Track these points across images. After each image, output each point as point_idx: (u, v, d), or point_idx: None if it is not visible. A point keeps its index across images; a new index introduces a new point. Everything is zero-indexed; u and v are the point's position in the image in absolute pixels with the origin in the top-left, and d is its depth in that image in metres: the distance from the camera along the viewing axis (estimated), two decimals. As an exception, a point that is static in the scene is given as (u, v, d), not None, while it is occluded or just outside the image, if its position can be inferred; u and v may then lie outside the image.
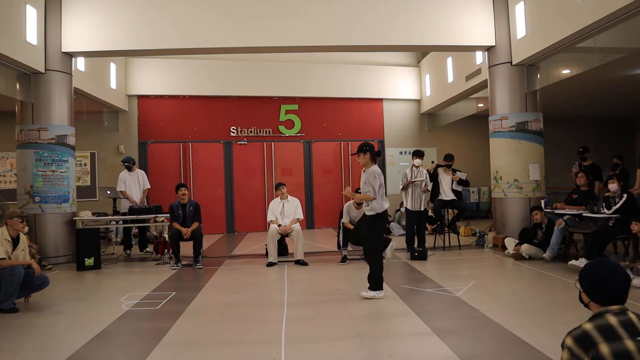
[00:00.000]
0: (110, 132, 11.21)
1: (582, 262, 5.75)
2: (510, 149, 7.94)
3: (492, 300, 4.72)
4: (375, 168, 5.01)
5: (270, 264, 6.97)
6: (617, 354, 1.62)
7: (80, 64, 8.80)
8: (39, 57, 7.37)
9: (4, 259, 4.67)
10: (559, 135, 12.49)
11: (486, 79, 8.50)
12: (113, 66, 10.46)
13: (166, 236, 8.29)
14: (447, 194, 8.04)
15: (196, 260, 7.07)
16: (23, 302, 4.88)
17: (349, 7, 7.92)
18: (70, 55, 7.86)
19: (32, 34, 7.13)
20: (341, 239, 7.17)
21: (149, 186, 8.79)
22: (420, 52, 12.47)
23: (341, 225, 7.15)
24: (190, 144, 11.57)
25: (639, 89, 10.02)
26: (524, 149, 7.87)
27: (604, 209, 6.20)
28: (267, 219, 7.63)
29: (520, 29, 7.64)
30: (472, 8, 8.04)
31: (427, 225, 9.14)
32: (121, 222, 8.14)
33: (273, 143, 11.94)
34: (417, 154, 7.89)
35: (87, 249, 6.95)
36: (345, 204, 7.33)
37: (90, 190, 10.89)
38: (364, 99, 12.34)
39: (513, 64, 7.92)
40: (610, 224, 6.12)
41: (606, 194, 6.39)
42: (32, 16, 7.11)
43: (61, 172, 7.62)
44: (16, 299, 4.69)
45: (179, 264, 6.98)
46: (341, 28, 7.89)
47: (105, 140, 11.16)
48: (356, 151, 5.10)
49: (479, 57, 9.20)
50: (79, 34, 7.68)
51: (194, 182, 11.45)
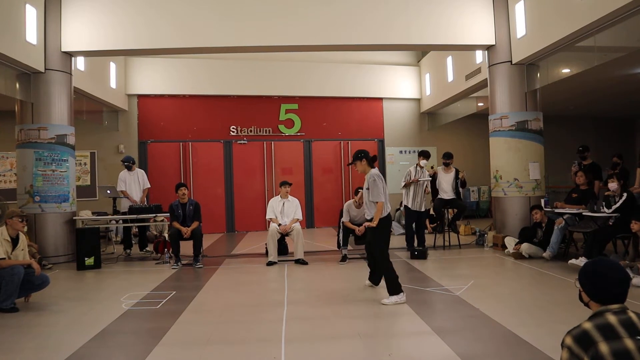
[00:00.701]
0: (110, 132, 11.21)
1: (582, 261, 5.75)
2: (510, 148, 7.95)
3: (492, 299, 4.72)
4: (375, 171, 4.92)
5: (270, 263, 6.98)
6: (617, 353, 1.62)
7: (80, 63, 8.79)
8: (38, 56, 7.37)
9: (4, 258, 4.68)
10: (559, 134, 12.48)
11: (486, 78, 8.50)
12: (113, 66, 10.45)
13: (166, 235, 8.29)
14: (447, 193, 8.04)
15: (196, 260, 7.07)
16: (23, 301, 4.88)
17: (349, 7, 7.92)
18: (70, 55, 7.86)
19: (31, 33, 7.12)
20: (341, 238, 7.16)
21: (148, 185, 8.80)
22: (420, 52, 12.46)
23: (341, 224, 7.15)
24: (190, 143, 11.57)
25: (638, 88, 10.02)
26: (523, 148, 7.88)
27: (604, 208, 6.20)
28: (267, 216, 7.63)
29: (520, 28, 7.64)
30: (472, 7, 8.04)
31: (427, 224, 9.17)
32: (121, 221, 8.14)
33: (273, 142, 11.94)
34: (424, 154, 7.84)
35: (87, 248, 6.96)
36: (345, 203, 7.33)
37: (90, 189, 10.89)
38: (363, 98, 12.33)
39: (513, 63, 7.92)
40: (610, 223, 6.12)
41: (606, 193, 6.39)
42: (31, 15, 7.11)
43: (61, 171, 7.62)
44: (16, 298, 4.69)
45: (179, 264, 6.99)
46: (341, 27, 7.90)
47: (105, 140, 11.16)
48: (351, 161, 4.99)
49: (479, 56, 9.21)
50: (78, 33, 7.68)
51: (194, 182, 11.45)
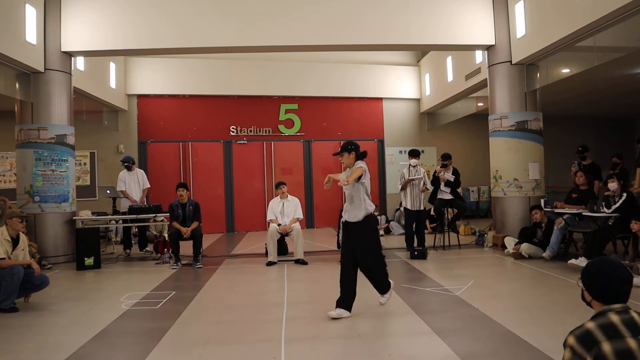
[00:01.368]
0: (110, 132, 11.21)
1: (581, 261, 5.75)
2: (509, 148, 7.95)
3: (491, 299, 4.72)
4: (363, 163, 4.32)
5: (270, 263, 6.97)
6: (619, 353, 1.62)
7: (79, 63, 8.79)
8: (38, 56, 7.36)
9: (4, 258, 4.67)
10: (559, 134, 12.47)
11: (486, 78, 8.50)
12: (113, 65, 10.45)
13: (166, 235, 8.29)
14: (446, 193, 8.01)
15: (196, 260, 7.07)
16: (23, 301, 4.88)
17: (349, 7, 7.92)
18: (70, 55, 7.85)
19: (31, 33, 7.12)
20: (341, 238, 7.15)
21: (148, 185, 8.79)
22: (420, 52, 12.46)
23: (341, 224, 7.13)
24: (190, 143, 11.57)
25: (638, 88, 10.01)
26: (523, 148, 7.88)
27: (604, 208, 6.20)
28: (267, 218, 7.63)
29: (520, 28, 7.64)
30: (471, 7, 8.04)
31: (427, 224, 9.16)
32: (121, 221, 8.14)
33: (273, 142, 11.94)
34: (413, 153, 7.92)
35: (86, 248, 6.95)
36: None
37: (90, 189, 10.88)
38: (363, 98, 12.32)
39: (513, 63, 7.92)
40: (610, 223, 6.12)
41: (606, 193, 6.39)
42: (31, 15, 7.10)
43: (61, 171, 7.61)
44: (16, 298, 4.69)
45: (178, 264, 6.98)
46: (341, 27, 7.89)
47: (105, 140, 11.16)
48: (339, 151, 4.38)
49: (479, 57, 9.20)
50: (78, 33, 7.67)
51: (194, 182, 11.45)
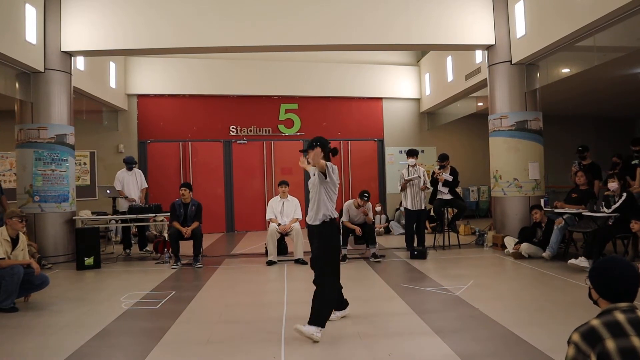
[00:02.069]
0: (110, 132, 11.21)
1: (581, 261, 5.76)
2: (509, 148, 7.95)
3: (491, 299, 4.72)
4: (330, 163, 3.88)
5: (270, 263, 6.97)
6: (623, 351, 1.63)
7: (79, 63, 8.78)
8: (38, 56, 7.36)
9: (4, 258, 4.67)
10: (559, 134, 12.48)
11: (486, 78, 8.49)
12: (113, 65, 10.44)
13: (166, 235, 8.29)
14: (445, 193, 8.00)
15: (196, 260, 7.07)
16: (23, 301, 4.88)
17: (349, 7, 7.92)
18: (70, 55, 7.85)
19: (31, 33, 7.11)
20: (341, 238, 7.15)
21: (146, 185, 8.77)
22: (420, 51, 12.45)
23: (340, 224, 7.15)
24: (190, 143, 11.56)
25: (638, 88, 10.01)
26: (523, 148, 7.88)
27: (604, 207, 6.20)
28: (267, 217, 7.63)
29: (519, 28, 7.63)
30: (471, 7, 8.03)
31: (426, 224, 9.15)
32: (120, 221, 8.13)
33: (273, 142, 11.93)
34: (411, 153, 7.91)
35: (86, 248, 6.95)
36: (345, 203, 7.33)
37: (90, 189, 10.88)
38: (363, 98, 12.31)
39: (513, 63, 7.92)
40: (610, 223, 6.13)
41: (605, 193, 6.39)
42: (31, 15, 7.10)
43: (61, 171, 7.61)
44: (16, 298, 4.69)
45: (178, 263, 6.98)
46: (341, 27, 7.89)
47: (105, 140, 11.15)
48: (305, 147, 4.00)
49: (479, 56, 9.20)
50: (78, 33, 7.67)
51: (194, 181, 11.41)
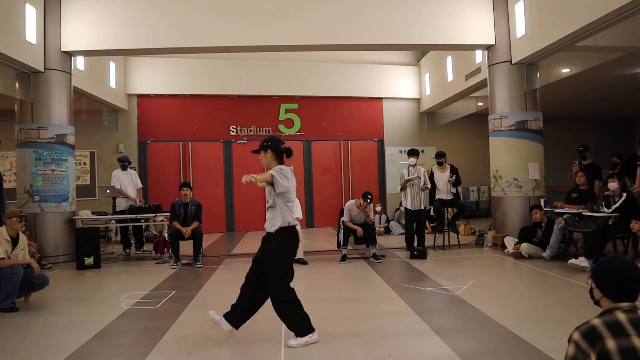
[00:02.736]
0: (110, 131, 11.21)
1: (581, 261, 5.76)
2: (509, 147, 7.95)
3: (491, 299, 4.72)
4: (282, 166, 3.68)
5: (270, 263, 6.95)
6: (623, 350, 1.63)
7: (79, 63, 8.78)
8: (38, 56, 7.36)
9: (4, 258, 4.67)
10: (559, 134, 12.48)
11: (486, 78, 8.50)
12: (112, 65, 10.44)
13: (166, 235, 8.28)
14: (444, 192, 7.96)
15: (196, 259, 7.07)
16: (23, 301, 4.88)
17: (348, 7, 7.92)
18: (70, 54, 7.85)
19: (31, 33, 7.11)
20: (341, 237, 7.16)
21: (141, 185, 8.77)
22: (420, 51, 12.46)
23: (341, 224, 7.15)
24: (190, 143, 11.56)
25: (638, 87, 10.02)
26: (523, 147, 7.88)
27: (604, 207, 6.20)
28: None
29: (519, 28, 7.63)
30: (471, 7, 8.03)
31: (426, 224, 9.15)
32: (119, 221, 8.12)
33: (272, 142, 11.90)
34: (412, 152, 7.88)
35: (86, 248, 6.95)
36: (347, 203, 7.32)
37: (90, 189, 10.87)
38: (363, 97, 12.32)
39: (513, 62, 7.92)
40: (610, 223, 6.12)
41: (606, 193, 6.39)
42: (31, 15, 7.10)
43: (61, 171, 7.61)
44: (16, 298, 4.69)
45: (178, 263, 6.98)
46: (341, 27, 7.89)
47: (105, 140, 11.15)
48: (257, 149, 3.75)
49: (479, 56, 9.19)
50: (78, 32, 7.67)
51: (194, 181, 11.42)
